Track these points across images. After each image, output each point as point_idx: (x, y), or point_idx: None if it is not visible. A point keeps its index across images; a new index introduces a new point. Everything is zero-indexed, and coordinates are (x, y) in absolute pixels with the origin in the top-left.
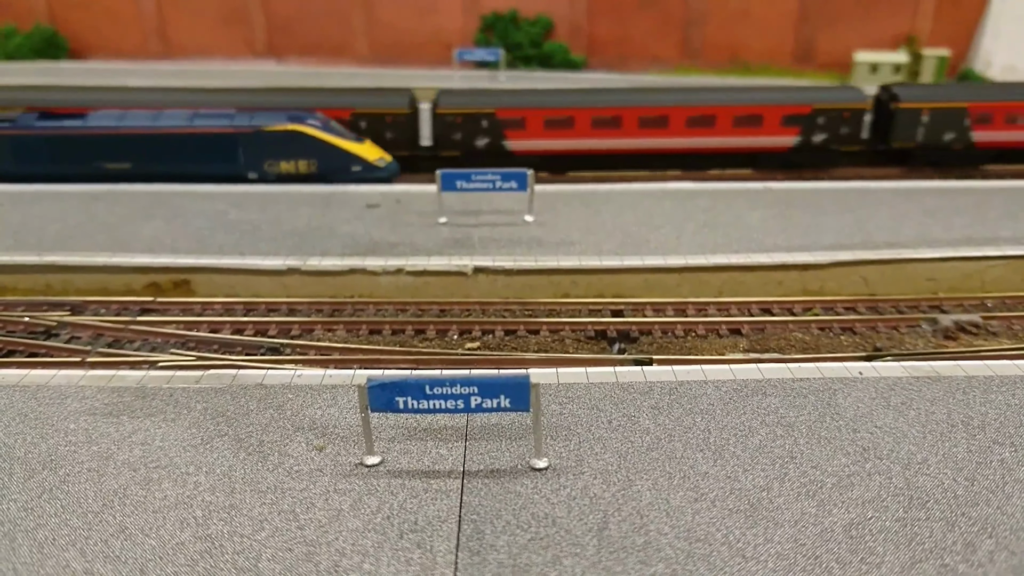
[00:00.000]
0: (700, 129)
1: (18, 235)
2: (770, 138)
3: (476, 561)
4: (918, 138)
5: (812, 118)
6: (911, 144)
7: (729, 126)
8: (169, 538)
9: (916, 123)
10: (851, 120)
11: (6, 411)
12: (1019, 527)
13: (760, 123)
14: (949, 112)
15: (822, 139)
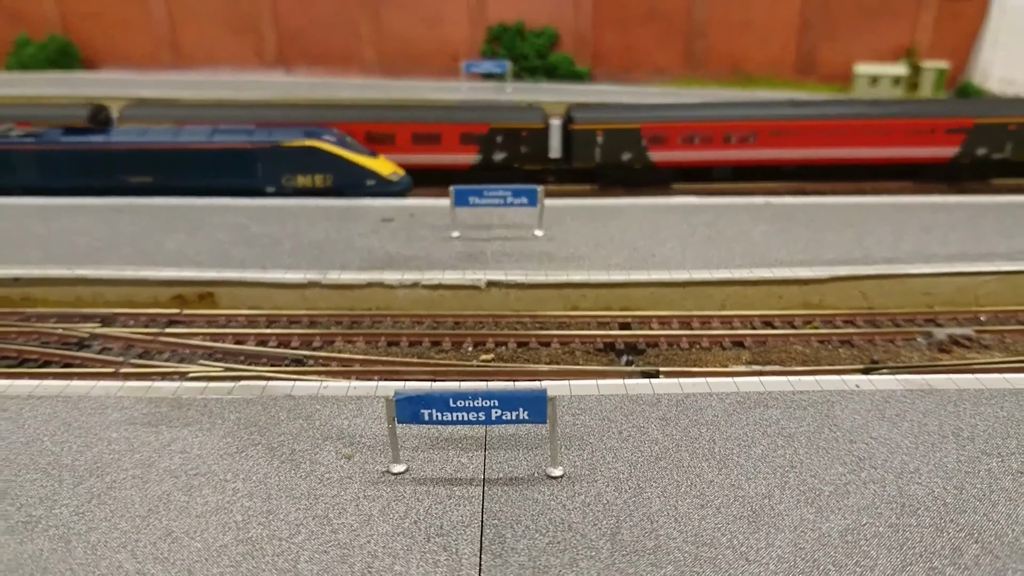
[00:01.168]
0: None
1: (47, 248)
2: (450, 156)
3: (499, 563)
4: (596, 158)
5: (491, 137)
6: (591, 164)
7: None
8: (213, 541)
9: (592, 143)
10: (531, 139)
11: (51, 420)
12: (1003, 533)
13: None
14: (623, 133)
15: (502, 157)
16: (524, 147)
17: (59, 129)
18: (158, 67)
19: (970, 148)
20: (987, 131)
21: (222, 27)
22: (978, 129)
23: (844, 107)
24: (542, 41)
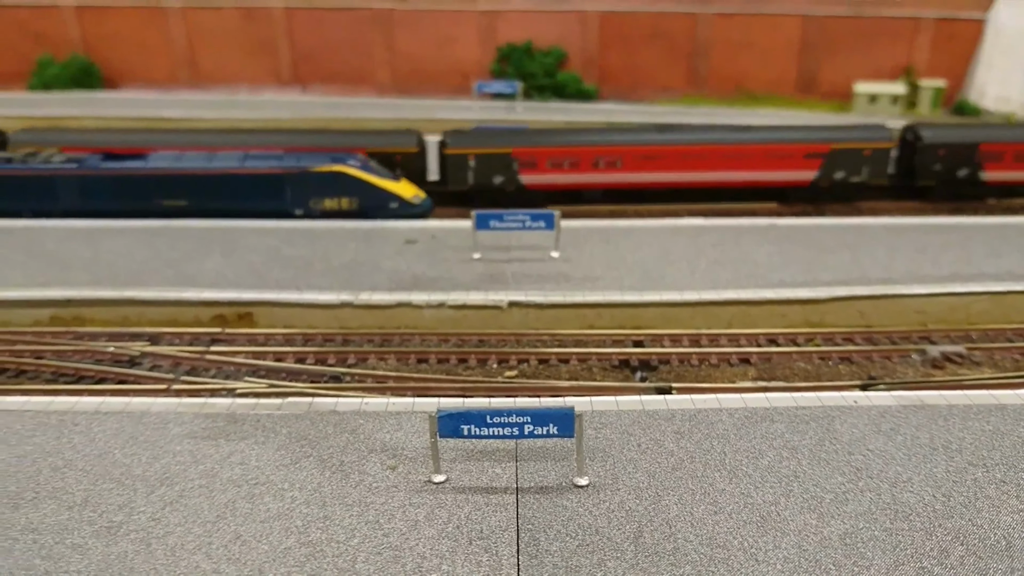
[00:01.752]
0: None
1: (94, 270)
2: None
3: (535, 563)
4: (469, 181)
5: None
6: (464, 187)
7: None
8: (278, 544)
9: (465, 167)
10: (406, 163)
11: (119, 434)
12: (986, 536)
13: None
14: (495, 157)
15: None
16: (400, 170)
17: (99, 155)
18: (177, 86)
19: (828, 172)
20: (844, 156)
21: (239, 48)
22: (835, 154)
23: (708, 133)
24: (550, 60)
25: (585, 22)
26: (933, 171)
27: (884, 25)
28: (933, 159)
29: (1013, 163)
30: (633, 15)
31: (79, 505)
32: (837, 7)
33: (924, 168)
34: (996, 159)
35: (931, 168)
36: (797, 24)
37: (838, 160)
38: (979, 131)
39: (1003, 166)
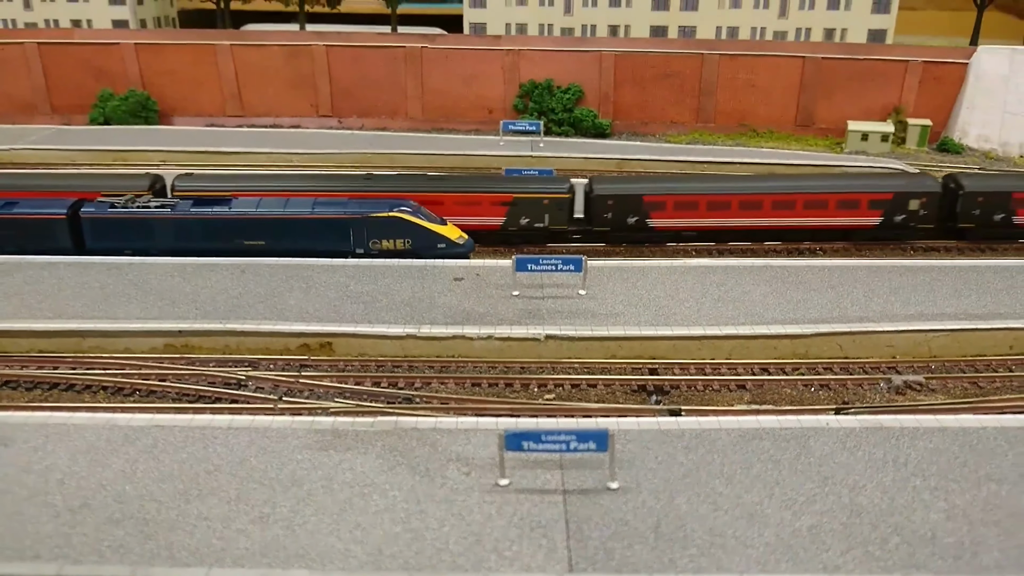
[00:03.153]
0: None
1: (197, 303)
2: None
3: (580, 547)
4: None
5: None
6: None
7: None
8: (388, 530)
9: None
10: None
11: (251, 445)
12: (917, 529)
13: None
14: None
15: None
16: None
17: (189, 200)
18: (225, 117)
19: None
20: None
21: (282, 83)
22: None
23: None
24: (568, 97)
25: (601, 62)
26: (973, 216)
27: (876, 68)
28: (973, 205)
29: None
30: (645, 56)
31: (234, 500)
32: (833, 51)
33: (965, 213)
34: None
35: (971, 213)
36: (797, 66)
37: (899, 206)
38: (1013, 180)
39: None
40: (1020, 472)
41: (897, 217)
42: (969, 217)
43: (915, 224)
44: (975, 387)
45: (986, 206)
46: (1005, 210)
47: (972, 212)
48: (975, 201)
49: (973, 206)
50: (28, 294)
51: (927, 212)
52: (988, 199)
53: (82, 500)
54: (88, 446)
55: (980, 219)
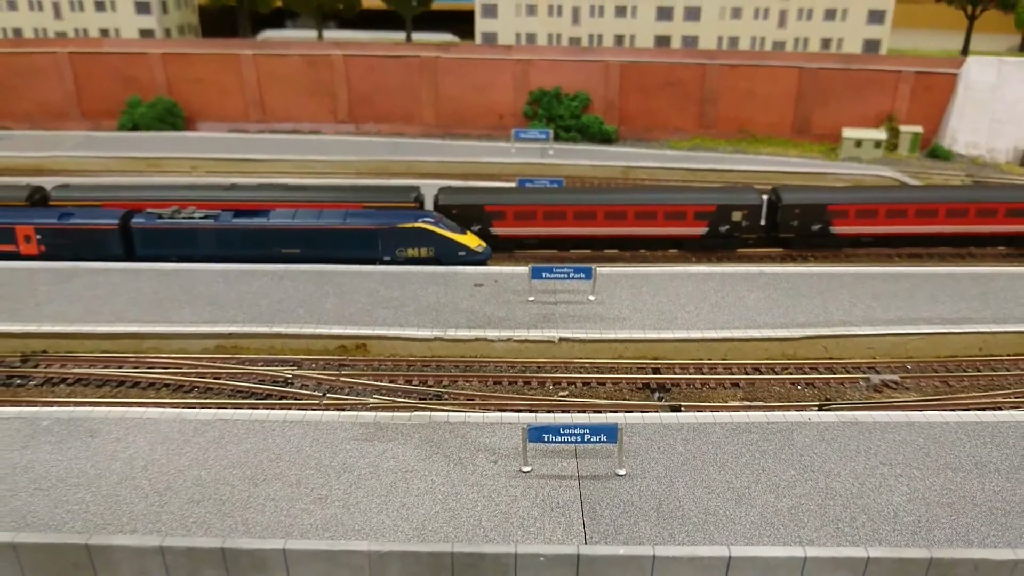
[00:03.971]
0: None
1: (243, 308)
2: None
3: (594, 523)
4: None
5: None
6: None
7: None
8: (429, 509)
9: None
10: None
11: (305, 436)
12: (881, 509)
13: None
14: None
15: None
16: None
17: (231, 212)
18: (247, 122)
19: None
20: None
21: (303, 90)
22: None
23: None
24: (576, 104)
25: (607, 71)
26: (792, 226)
27: (870, 77)
28: (792, 216)
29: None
30: (650, 65)
31: (295, 484)
32: (829, 61)
33: (785, 224)
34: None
35: (790, 224)
36: (794, 75)
37: (722, 217)
38: (829, 193)
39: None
40: (974, 461)
41: (721, 227)
42: (789, 228)
43: (739, 234)
44: (946, 385)
45: (804, 217)
46: (822, 221)
47: (791, 223)
48: (793, 212)
49: (792, 217)
50: (89, 299)
51: (749, 223)
52: (805, 211)
53: (165, 484)
54: (163, 437)
55: (799, 229)
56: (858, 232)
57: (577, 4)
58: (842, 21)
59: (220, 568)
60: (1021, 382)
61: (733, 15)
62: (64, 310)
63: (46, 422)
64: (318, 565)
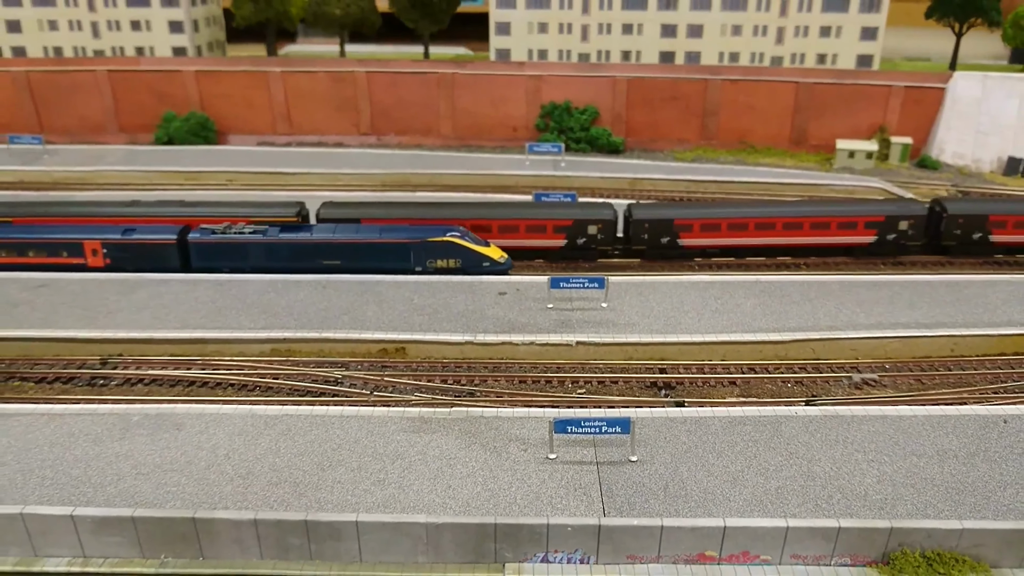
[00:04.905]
0: None
1: (293, 315)
2: None
3: (611, 501)
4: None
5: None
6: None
7: None
8: (472, 489)
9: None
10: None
11: (361, 428)
12: (855, 489)
13: None
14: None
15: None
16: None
17: (277, 227)
18: (275, 135)
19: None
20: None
21: (328, 105)
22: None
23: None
24: (585, 117)
25: (615, 85)
26: (643, 239)
27: (862, 91)
28: (642, 230)
29: None
30: (655, 80)
31: (356, 469)
32: (824, 76)
33: (636, 237)
34: None
35: (641, 237)
36: (791, 90)
37: (579, 231)
38: (674, 209)
39: None
40: (936, 449)
41: (579, 240)
42: (640, 240)
43: (595, 246)
44: (919, 383)
45: (652, 231)
46: (669, 234)
47: (642, 236)
48: (643, 227)
49: (643, 231)
50: (155, 308)
51: (604, 236)
52: (654, 225)
53: (247, 469)
54: (239, 430)
55: (649, 242)
56: (703, 244)
57: (586, 22)
58: (837, 38)
59: (303, 537)
60: (986, 380)
61: (734, 32)
62: (134, 318)
63: (136, 417)
64: (384, 534)
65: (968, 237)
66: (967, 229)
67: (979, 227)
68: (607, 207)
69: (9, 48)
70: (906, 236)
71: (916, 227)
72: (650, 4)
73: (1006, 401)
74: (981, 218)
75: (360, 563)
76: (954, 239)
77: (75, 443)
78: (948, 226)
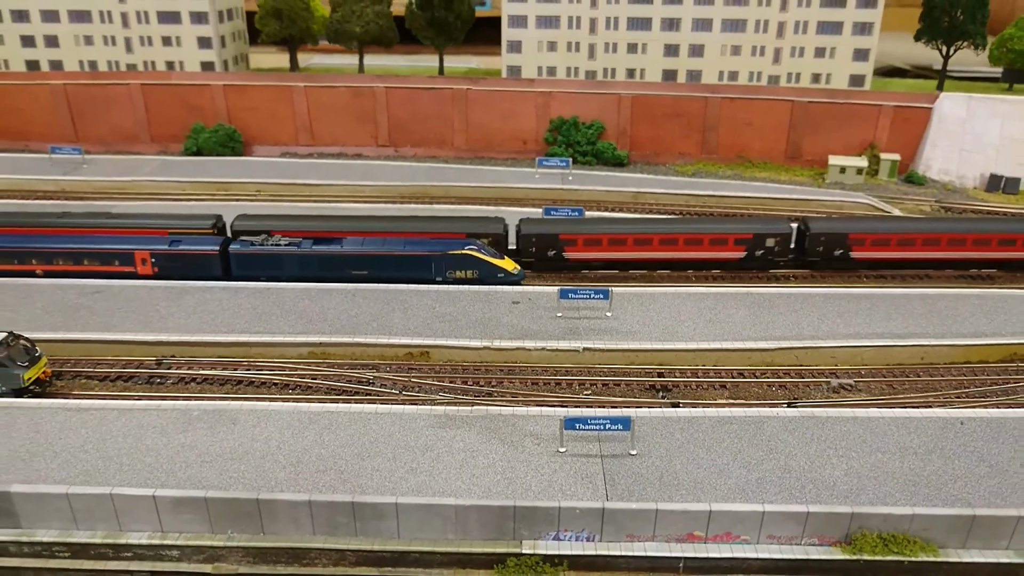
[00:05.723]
0: None
1: (327, 321)
2: None
3: (613, 488)
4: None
5: None
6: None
7: None
8: (492, 477)
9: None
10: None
11: (393, 424)
12: (826, 480)
13: None
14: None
15: None
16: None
17: (311, 240)
18: (298, 146)
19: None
20: None
21: (348, 117)
22: None
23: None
24: (592, 132)
25: (620, 102)
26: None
27: (854, 110)
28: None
29: None
30: (658, 98)
31: (391, 459)
32: (818, 95)
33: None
34: None
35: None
36: (786, 108)
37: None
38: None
39: None
40: (898, 447)
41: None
42: (529, 253)
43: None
44: (890, 388)
45: (540, 245)
46: (555, 247)
47: (530, 249)
48: (531, 240)
49: (530, 244)
50: (202, 313)
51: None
52: (541, 239)
53: (296, 458)
54: (287, 424)
55: (537, 255)
56: (586, 258)
57: (593, 41)
58: (831, 58)
59: (350, 517)
60: (951, 385)
61: (733, 52)
62: (185, 323)
63: (196, 412)
64: (419, 514)
65: (830, 253)
66: (828, 246)
67: (840, 244)
68: (498, 221)
69: (47, 61)
70: (773, 252)
71: (782, 244)
72: (654, 25)
73: (966, 405)
74: (841, 236)
75: (398, 539)
76: (817, 255)
77: (145, 434)
78: (811, 243)
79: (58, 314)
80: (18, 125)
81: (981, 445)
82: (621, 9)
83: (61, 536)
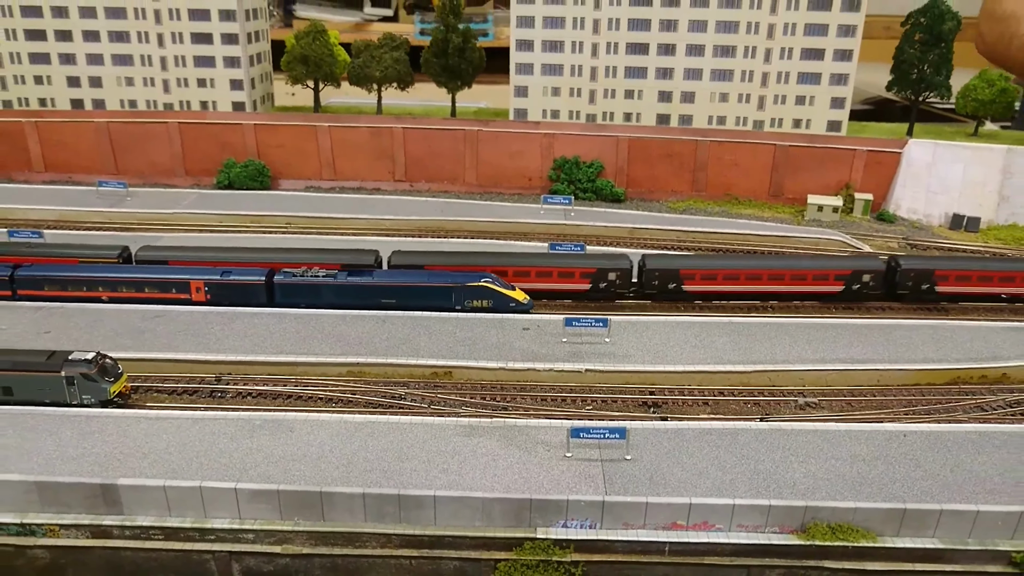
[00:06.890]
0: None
1: (363, 344)
2: None
3: (612, 486)
4: None
5: None
6: None
7: None
8: (512, 477)
9: None
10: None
11: (426, 432)
12: (792, 482)
13: None
14: None
15: None
16: None
17: (345, 272)
18: (321, 181)
19: None
20: None
21: (367, 155)
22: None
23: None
24: (592, 170)
25: (618, 143)
26: None
27: (831, 153)
28: None
29: None
30: (652, 140)
31: (426, 461)
32: (798, 139)
33: None
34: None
35: None
36: (770, 150)
37: None
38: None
39: None
40: (850, 454)
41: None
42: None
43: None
44: (849, 406)
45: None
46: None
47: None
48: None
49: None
50: (252, 335)
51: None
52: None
53: (346, 460)
54: (336, 432)
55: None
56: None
57: (593, 87)
58: (810, 106)
59: (396, 507)
60: (901, 404)
61: (721, 99)
62: (238, 344)
63: (258, 421)
64: (452, 506)
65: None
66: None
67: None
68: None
69: (91, 100)
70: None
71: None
72: (649, 73)
73: (912, 420)
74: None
75: (435, 525)
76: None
77: (217, 440)
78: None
79: (127, 336)
80: (64, 159)
81: (919, 454)
82: (619, 59)
83: (157, 521)
